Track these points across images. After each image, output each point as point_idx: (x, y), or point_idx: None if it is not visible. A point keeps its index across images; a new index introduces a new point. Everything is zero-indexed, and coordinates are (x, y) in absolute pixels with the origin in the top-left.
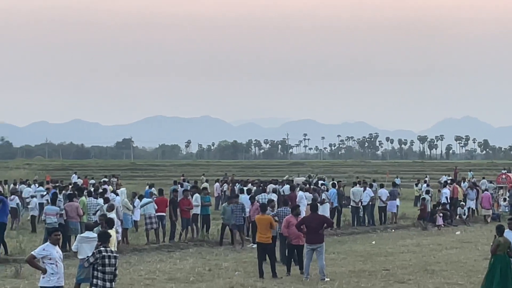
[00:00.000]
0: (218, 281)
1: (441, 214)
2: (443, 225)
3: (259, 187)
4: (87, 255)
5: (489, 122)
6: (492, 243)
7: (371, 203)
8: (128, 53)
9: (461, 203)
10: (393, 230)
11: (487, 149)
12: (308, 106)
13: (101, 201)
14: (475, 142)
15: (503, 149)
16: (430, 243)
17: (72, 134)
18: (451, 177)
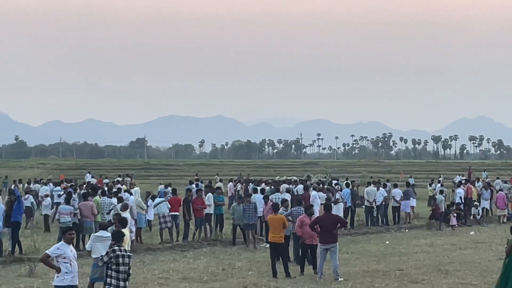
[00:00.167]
0: (232, 280)
1: (455, 214)
2: (457, 225)
3: (272, 186)
4: (101, 254)
5: (503, 122)
6: (507, 243)
7: (384, 203)
8: (143, 53)
9: (475, 203)
10: (407, 230)
11: (501, 149)
12: (321, 106)
13: (114, 200)
14: (489, 142)
15: None
16: (444, 243)
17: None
18: (465, 177)
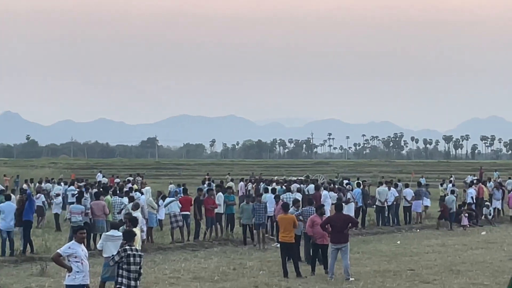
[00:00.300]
0: (243, 280)
1: (466, 214)
2: (469, 225)
3: (283, 186)
4: (112, 254)
5: None
6: None
7: (396, 203)
8: (154, 52)
9: (486, 203)
10: (418, 230)
11: None
12: (332, 106)
13: (125, 200)
14: (500, 142)
15: None
16: (456, 243)
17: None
18: (476, 177)
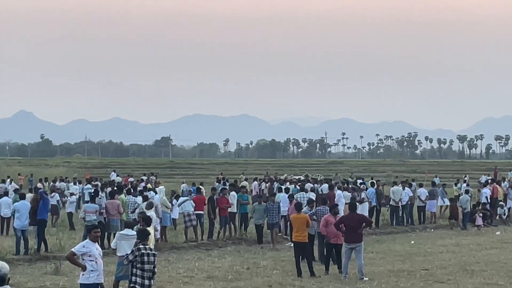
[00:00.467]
0: (257, 279)
1: (481, 214)
2: (483, 225)
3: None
4: (126, 253)
5: None
6: None
7: (410, 202)
8: (167, 51)
9: (500, 203)
10: (432, 230)
11: None
12: (346, 105)
13: (139, 199)
14: None
15: None
16: (470, 243)
17: (111, 132)
18: (491, 177)
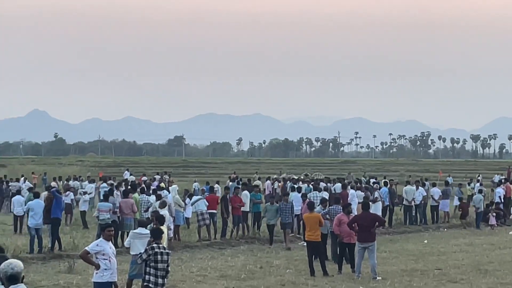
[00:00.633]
0: (270, 278)
1: (494, 214)
2: (496, 224)
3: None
4: (139, 252)
5: None
6: None
7: (423, 202)
8: (180, 51)
9: None
10: (445, 229)
11: None
12: (359, 104)
13: (152, 198)
14: None
15: None
16: (483, 243)
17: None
18: (504, 177)
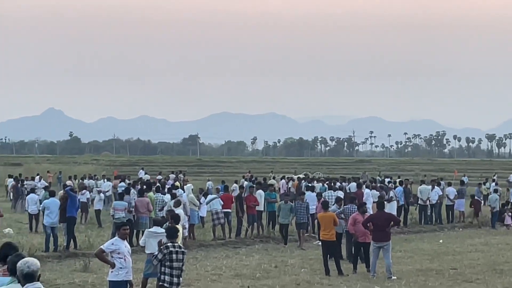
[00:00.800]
0: (284, 278)
1: (510, 214)
2: None
3: (325, 184)
4: (155, 250)
5: None
6: None
7: (439, 201)
8: (195, 50)
9: None
10: (460, 229)
11: None
12: (374, 104)
13: (167, 197)
14: None
15: None
16: (499, 242)
17: (139, 130)
18: None
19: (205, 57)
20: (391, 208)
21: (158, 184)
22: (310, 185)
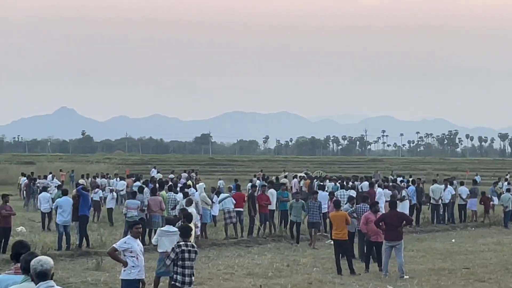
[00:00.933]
0: (297, 277)
1: None
2: None
3: (337, 183)
4: (167, 249)
5: None
6: None
7: (452, 201)
8: (207, 49)
9: None
10: (473, 228)
11: None
12: (386, 103)
13: (180, 196)
14: None
15: None
16: (511, 242)
17: (152, 129)
18: None
19: (218, 56)
20: (403, 207)
21: (171, 183)
22: (322, 184)
